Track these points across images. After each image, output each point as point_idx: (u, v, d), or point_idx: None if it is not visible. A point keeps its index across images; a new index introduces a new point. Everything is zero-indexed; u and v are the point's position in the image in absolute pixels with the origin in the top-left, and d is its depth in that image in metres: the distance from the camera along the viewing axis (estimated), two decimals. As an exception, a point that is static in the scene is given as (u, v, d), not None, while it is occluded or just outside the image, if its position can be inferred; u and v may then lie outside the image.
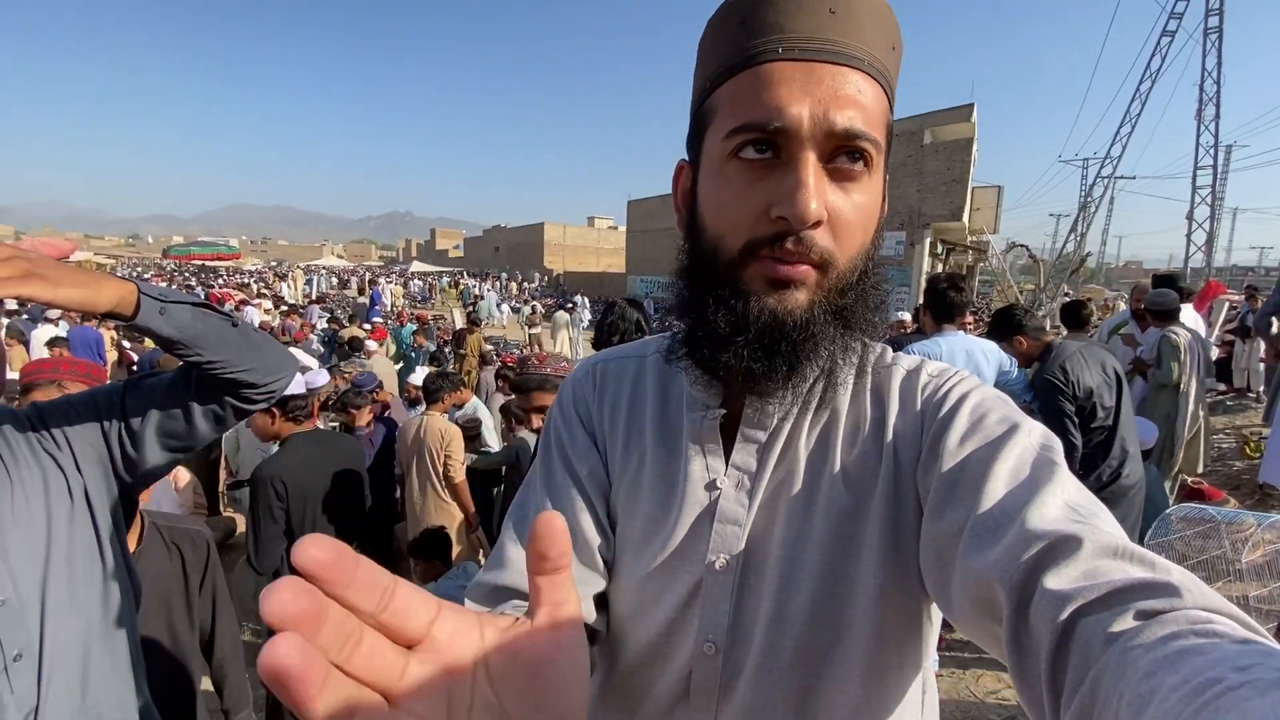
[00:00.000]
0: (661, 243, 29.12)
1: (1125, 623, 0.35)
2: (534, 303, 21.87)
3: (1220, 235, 21.70)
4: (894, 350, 0.70)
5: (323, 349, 7.82)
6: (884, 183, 0.59)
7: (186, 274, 30.31)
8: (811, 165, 0.51)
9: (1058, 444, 0.53)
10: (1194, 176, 20.15)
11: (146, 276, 27.55)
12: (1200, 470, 4.49)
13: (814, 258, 0.53)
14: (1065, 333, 4.30)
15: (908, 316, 7.00)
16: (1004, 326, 2.99)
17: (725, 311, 0.55)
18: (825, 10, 0.51)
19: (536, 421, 2.36)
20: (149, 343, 8.10)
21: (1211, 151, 19.89)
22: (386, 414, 4.34)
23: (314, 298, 18.51)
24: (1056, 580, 0.39)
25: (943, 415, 0.57)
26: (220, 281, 23.74)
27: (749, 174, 0.53)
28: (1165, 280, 5.89)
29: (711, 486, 0.63)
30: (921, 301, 3.15)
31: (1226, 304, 7.64)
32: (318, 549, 0.24)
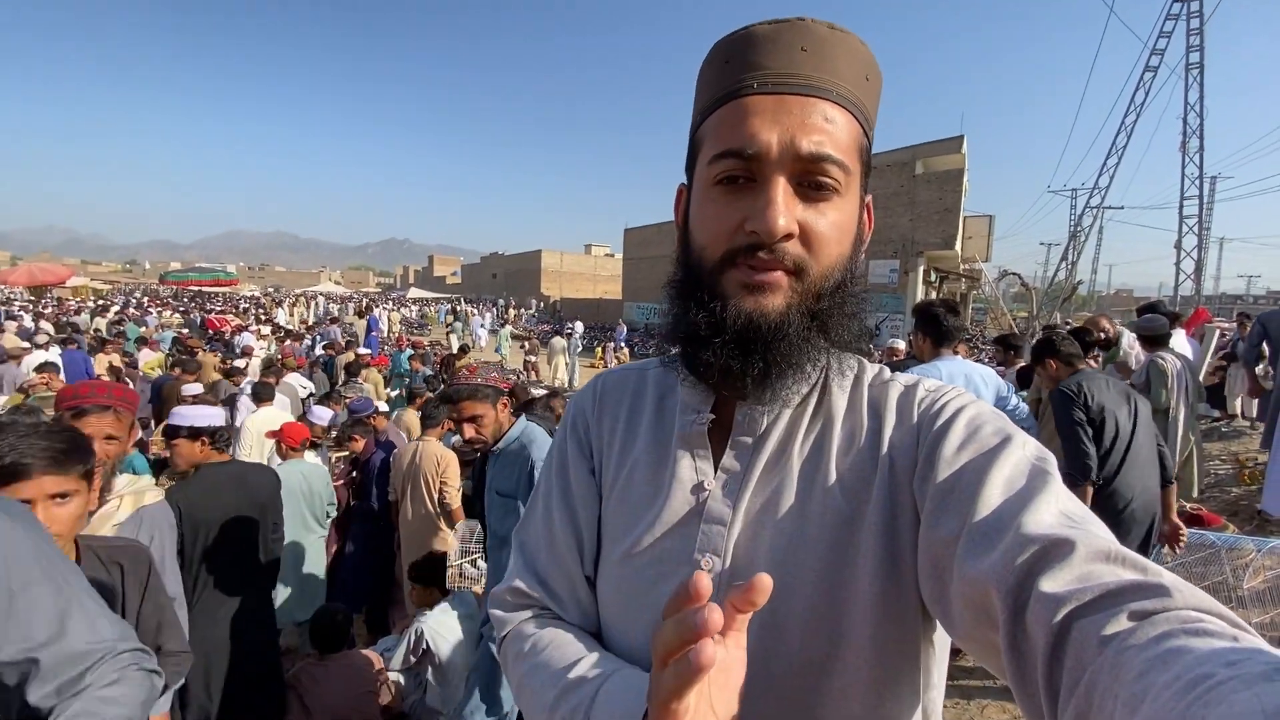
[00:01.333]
0: (658, 270, 29.04)
1: (1119, 624, 0.36)
2: (530, 331, 21.93)
3: (1208, 264, 22.01)
4: None
5: (314, 380, 7.74)
6: (861, 202, 0.63)
7: (185, 299, 30.36)
8: (781, 186, 0.57)
9: (1052, 458, 0.54)
10: (1181, 206, 20.56)
11: (143, 301, 27.58)
12: (1195, 495, 4.49)
13: (787, 264, 0.58)
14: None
15: (902, 345, 6.95)
16: (1041, 350, 3.09)
17: (705, 314, 0.60)
18: (798, 48, 0.58)
19: (469, 431, 2.33)
20: (145, 367, 8.09)
21: (1197, 182, 20.32)
22: (384, 437, 4.31)
23: (310, 324, 18.51)
24: (1051, 584, 0.40)
25: (938, 426, 0.59)
26: (216, 308, 23.67)
27: (729, 195, 0.59)
28: (1149, 309, 5.96)
29: (699, 489, 0.65)
30: (914, 326, 3.11)
31: (1218, 331, 7.71)
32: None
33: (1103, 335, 4.74)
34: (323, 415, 4.71)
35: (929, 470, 0.56)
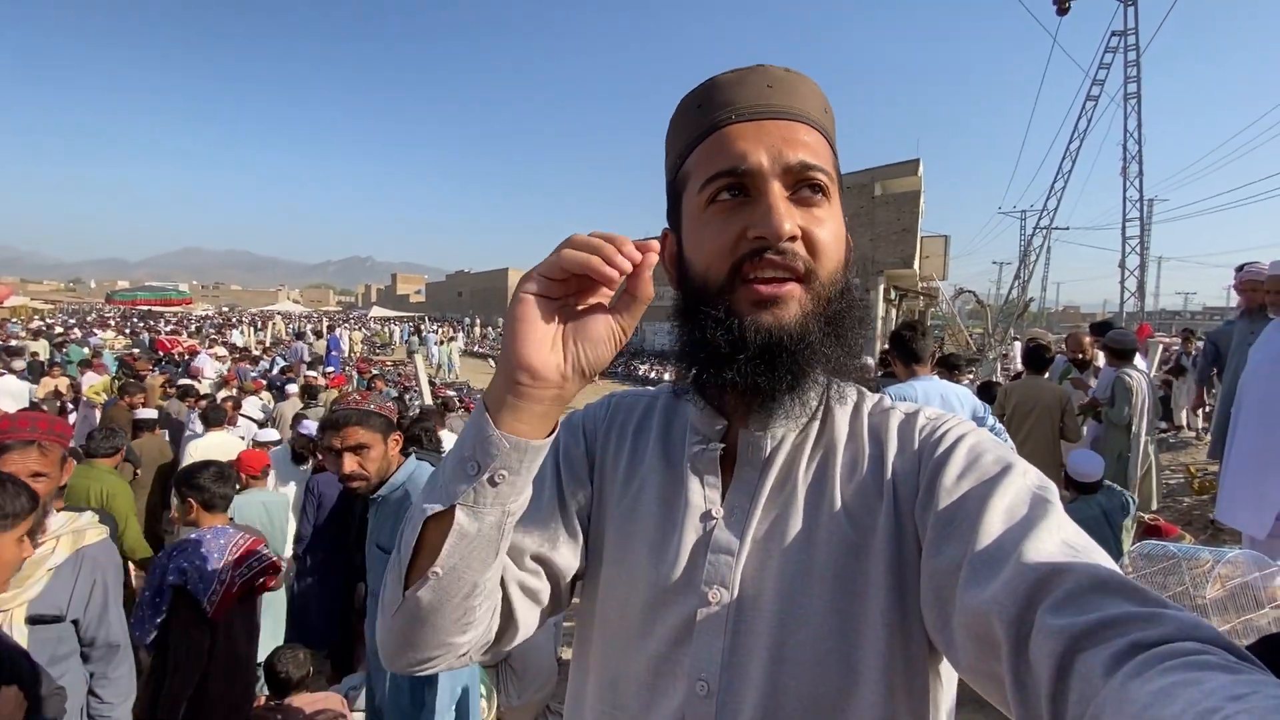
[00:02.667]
0: (626, 288, 29.29)
1: (1121, 656, 0.36)
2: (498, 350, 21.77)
3: (1148, 282, 23.16)
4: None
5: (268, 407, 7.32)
6: (843, 218, 0.65)
7: (134, 319, 29.02)
8: (778, 193, 0.59)
9: (1053, 486, 0.55)
10: (1123, 228, 21.66)
11: (89, 320, 26.27)
12: (1154, 507, 4.64)
13: (798, 267, 0.59)
14: (1026, 374, 4.48)
15: (870, 361, 7.12)
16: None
17: (723, 331, 0.60)
18: (764, 85, 0.62)
19: (350, 464, 1.95)
20: (89, 391, 7.66)
21: (1137, 205, 21.45)
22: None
23: (267, 344, 17.88)
24: (1053, 614, 0.41)
25: (939, 454, 0.59)
26: (166, 328, 22.67)
27: (725, 212, 0.60)
28: (1102, 327, 6.21)
29: (707, 516, 0.64)
30: (887, 348, 3.25)
31: (1160, 346, 8.07)
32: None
33: (1080, 355, 4.99)
34: (269, 436, 4.51)
35: (930, 498, 0.56)
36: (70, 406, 7.26)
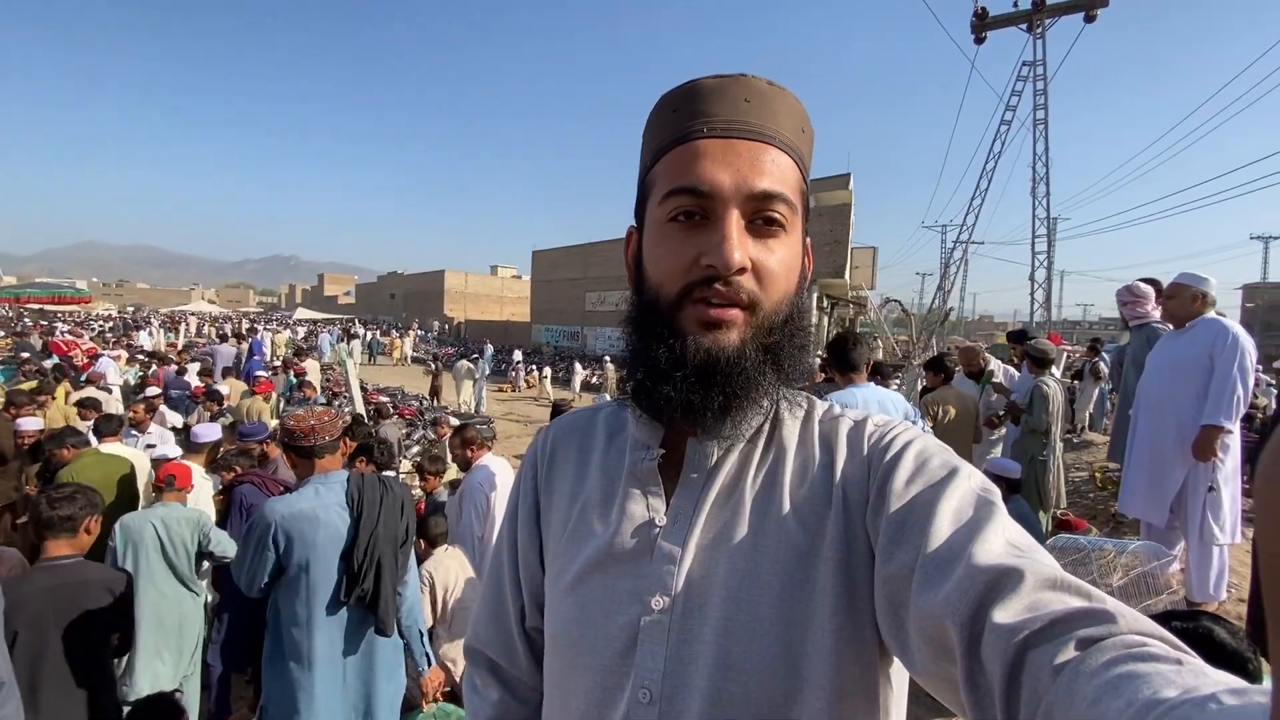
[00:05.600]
0: (565, 293, 29.29)
1: (1069, 652, 0.38)
2: (433, 355, 21.07)
3: (1053, 294, 25.04)
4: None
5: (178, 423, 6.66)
6: (804, 242, 0.67)
7: (24, 319, 26.11)
8: (735, 221, 0.59)
9: (995, 489, 0.57)
10: (1033, 243, 23.31)
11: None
12: (1063, 505, 5.00)
13: (742, 299, 0.60)
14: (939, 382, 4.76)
15: (815, 363, 7.40)
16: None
17: (665, 350, 0.61)
18: (741, 99, 0.62)
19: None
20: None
21: (1045, 222, 23.15)
22: (274, 468, 3.88)
23: (180, 347, 16.57)
24: (1003, 614, 0.42)
25: (888, 460, 0.60)
26: (63, 329, 20.67)
27: (683, 231, 0.61)
28: (1019, 335, 6.68)
29: (649, 525, 0.65)
30: (825, 357, 3.38)
31: (1065, 353, 8.73)
32: None
33: (982, 364, 5.30)
34: (208, 433, 4.13)
35: (881, 504, 0.57)
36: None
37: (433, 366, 16.30)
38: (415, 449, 8.12)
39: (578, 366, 19.34)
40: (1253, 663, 1.29)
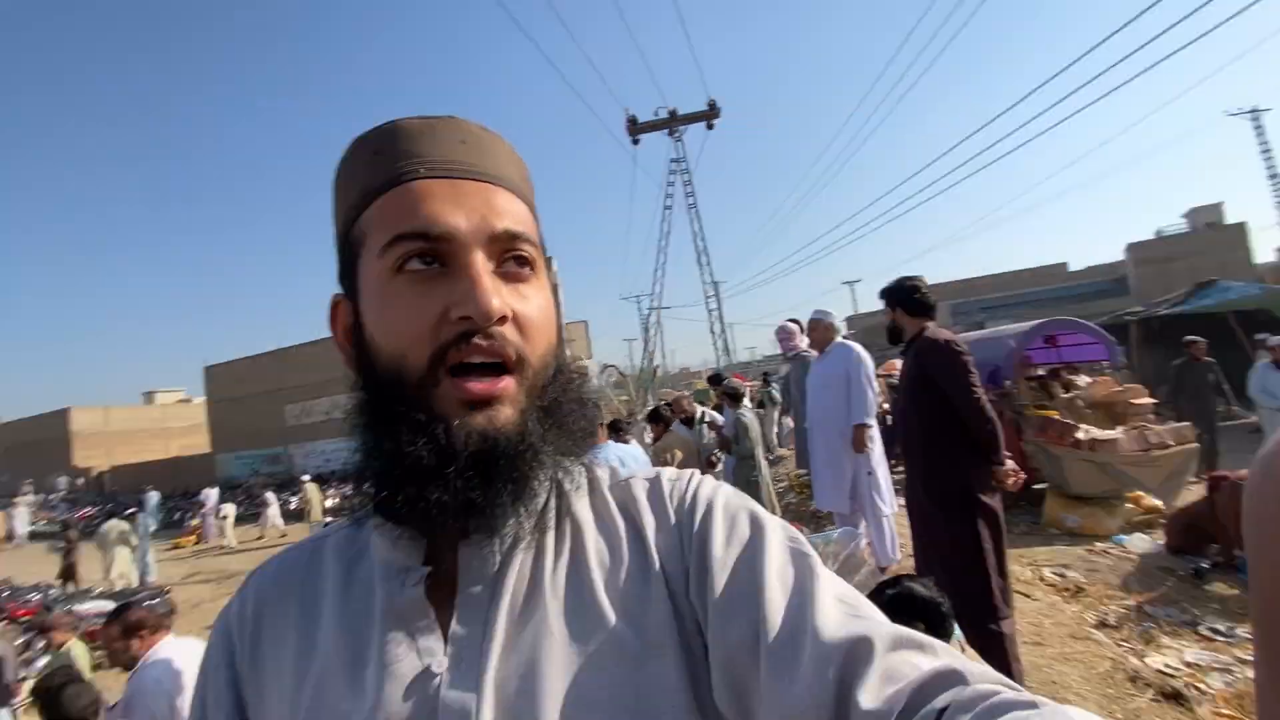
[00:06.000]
0: (259, 409, 24.80)
1: None
2: (65, 521, 15.79)
3: (729, 342, 30.23)
4: None
5: None
6: (552, 292, 0.59)
7: None
8: (482, 265, 0.50)
9: (798, 535, 0.56)
10: (706, 303, 28.13)
11: None
12: (777, 513, 5.86)
13: (509, 354, 0.51)
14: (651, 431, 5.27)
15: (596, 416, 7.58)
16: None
17: (426, 439, 0.48)
18: (457, 140, 0.55)
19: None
20: None
21: (711, 285, 28.11)
22: None
23: None
24: (867, 697, 0.40)
25: (699, 523, 0.54)
26: None
27: (419, 285, 0.50)
28: (716, 379, 7.83)
29: (426, 677, 0.48)
30: None
31: (748, 389, 10.53)
32: None
33: (685, 413, 6.08)
34: None
35: (704, 577, 0.51)
36: None
37: (66, 538, 12.06)
38: (42, 662, 5.80)
39: (269, 496, 15.81)
40: (944, 604, 1.62)
